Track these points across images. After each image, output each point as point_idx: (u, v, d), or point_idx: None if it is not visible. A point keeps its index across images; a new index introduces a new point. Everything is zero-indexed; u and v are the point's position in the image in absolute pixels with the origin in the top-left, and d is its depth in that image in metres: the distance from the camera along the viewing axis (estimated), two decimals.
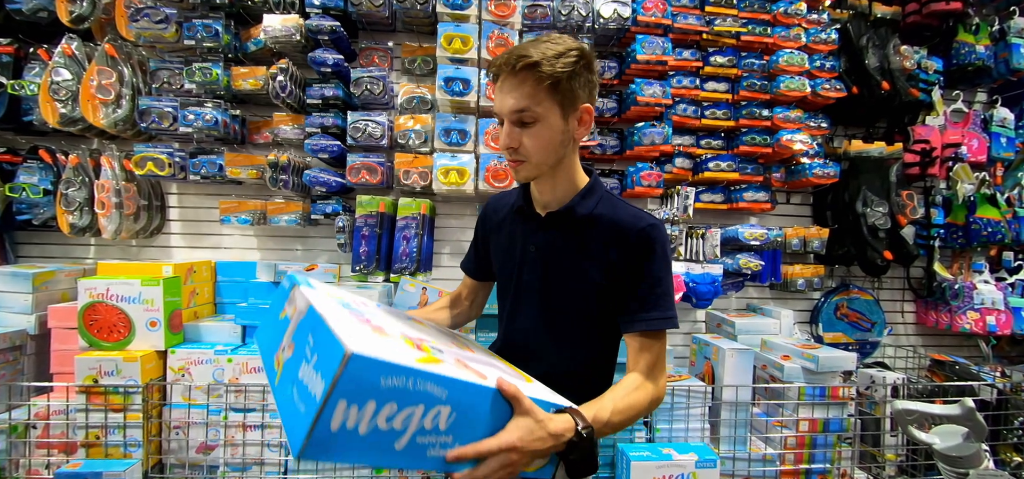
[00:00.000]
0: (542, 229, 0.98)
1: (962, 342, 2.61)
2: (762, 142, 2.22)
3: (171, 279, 1.78)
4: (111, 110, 1.93)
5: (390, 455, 0.60)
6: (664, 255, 0.91)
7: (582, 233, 0.94)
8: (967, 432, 0.90)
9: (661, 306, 0.89)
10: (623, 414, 0.83)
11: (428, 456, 0.63)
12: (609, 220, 0.92)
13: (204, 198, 2.19)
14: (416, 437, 0.61)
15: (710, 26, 2.17)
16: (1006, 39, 2.44)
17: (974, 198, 2.42)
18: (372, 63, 2.17)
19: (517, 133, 0.87)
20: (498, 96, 0.88)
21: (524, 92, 0.84)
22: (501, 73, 0.87)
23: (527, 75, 0.84)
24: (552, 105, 0.86)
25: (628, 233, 0.90)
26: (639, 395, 0.86)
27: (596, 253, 0.92)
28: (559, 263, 0.95)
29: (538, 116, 0.86)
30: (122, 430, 1.66)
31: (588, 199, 0.95)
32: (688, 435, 1.83)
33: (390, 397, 0.58)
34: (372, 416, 0.57)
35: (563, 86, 0.86)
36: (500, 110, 0.88)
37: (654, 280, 0.89)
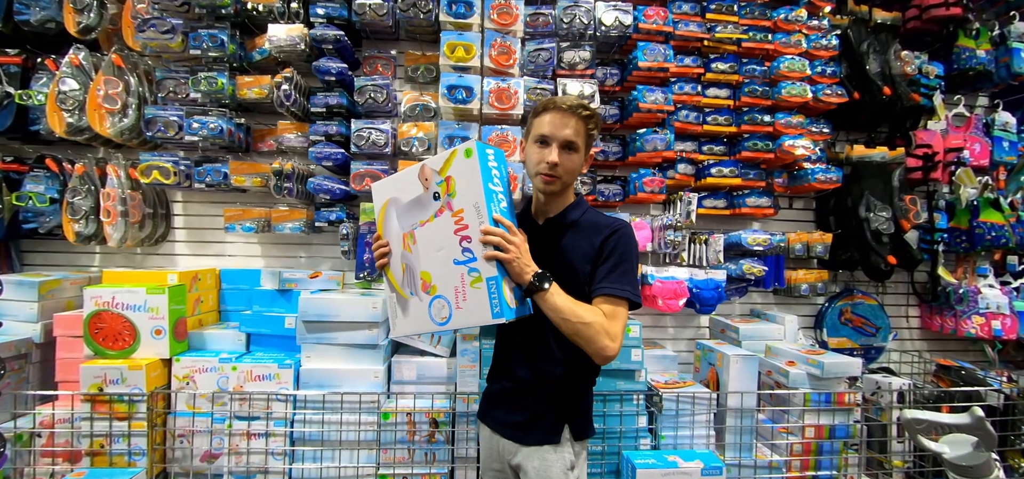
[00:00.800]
0: (540, 232, 1.26)
1: (967, 347, 2.60)
2: (764, 147, 2.22)
3: (176, 287, 1.79)
4: (117, 119, 1.94)
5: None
6: (628, 246, 1.20)
7: (570, 233, 1.24)
8: (977, 441, 0.90)
9: (623, 280, 1.16)
10: (569, 303, 1.11)
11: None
12: (590, 222, 1.24)
13: (209, 206, 2.20)
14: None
15: (711, 33, 2.18)
16: (1007, 43, 2.45)
17: (977, 202, 2.42)
18: (376, 71, 2.19)
19: (562, 155, 1.19)
20: (551, 124, 1.19)
21: (576, 128, 1.20)
22: (558, 110, 1.19)
23: (580, 118, 1.20)
24: (583, 143, 1.22)
25: (604, 229, 1.21)
26: (588, 311, 1.11)
27: (585, 247, 1.21)
28: (554, 256, 1.21)
29: (577, 147, 1.21)
30: (127, 438, 1.67)
31: (576, 210, 1.27)
32: (693, 442, 1.82)
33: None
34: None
35: (593, 133, 1.27)
36: (553, 135, 1.19)
37: (619, 260, 1.17)
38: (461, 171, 1.10)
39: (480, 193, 1.07)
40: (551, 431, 1.21)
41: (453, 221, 1.11)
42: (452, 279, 1.11)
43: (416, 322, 1.20)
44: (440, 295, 1.13)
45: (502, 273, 1.07)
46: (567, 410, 1.24)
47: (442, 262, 1.13)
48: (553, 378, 1.22)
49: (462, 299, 1.10)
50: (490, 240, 1.07)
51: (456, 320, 1.12)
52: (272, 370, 1.75)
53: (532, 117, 1.26)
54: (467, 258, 1.09)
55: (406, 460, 1.74)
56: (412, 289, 1.19)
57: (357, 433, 1.72)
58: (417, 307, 1.18)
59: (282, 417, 1.72)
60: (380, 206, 1.25)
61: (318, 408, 1.73)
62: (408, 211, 1.20)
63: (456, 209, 1.11)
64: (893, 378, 2.09)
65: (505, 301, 1.05)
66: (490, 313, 1.06)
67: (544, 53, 2.04)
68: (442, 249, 1.13)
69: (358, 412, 1.72)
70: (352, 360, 1.78)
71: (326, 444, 1.73)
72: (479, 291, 1.07)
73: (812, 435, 1.85)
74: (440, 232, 1.13)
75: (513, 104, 1.98)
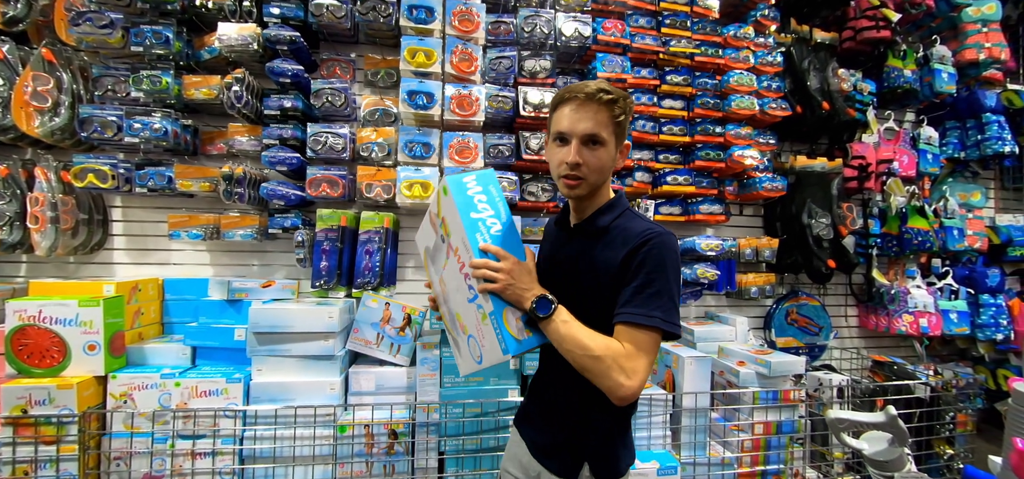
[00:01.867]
0: (569, 240, 1.11)
1: (899, 343, 2.81)
2: (716, 157, 2.33)
3: (113, 299, 1.68)
4: (47, 118, 1.81)
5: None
6: (660, 261, 0.96)
7: (599, 242, 1.04)
8: (892, 438, 0.97)
9: (650, 304, 0.93)
10: (575, 332, 0.94)
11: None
12: (622, 229, 1.03)
13: (151, 212, 2.08)
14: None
15: (666, 46, 2.27)
16: (930, 64, 2.68)
17: (906, 210, 2.62)
18: (334, 74, 2.14)
19: (585, 153, 1.01)
20: (569, 119, 1.01)
21: (599, 120, 0.99)
22: (575, 100, 1.01)
23: (603, 107, 0.99)
24: (611, 136, 1.02)
25: (634, 239, 0.98)
26: (597, 341, 0.93)
27: (612, 259, 1.00)
28: (581, 268, 1.05)
29: (603, 141, 1.01)
30: (54, 464, 1.54)
31: (609, 213, 1.06)
32: (651, 443, 1.87)
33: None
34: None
35: (622, 120, 1.03)
36: (572, 130, 1.01)
37: (648, 279, 0.95)
38: (447, 210, 1.06)
39: (461, 227, 1.01)
40: (567, 467, 1.06)
41: (456, 261, 1.06)
42: (473, 318, 1.05)
43: (467, 362, 1.12)
44: (471, 335, 1.07)
45: (501, 306, 0.99)
46: (588, 447, 1.06)
47: (462, 303, 1.07)
48: (572, 407, 1.06)
49: (483, 336, 1.03)
50: (476, 275, 0.98)
51: (486, 358, 1.04)
52: (220, 385, 1.66)
53: (551, 112, 1.08)
54: (473, 295, 1.02)
55: (364, 473, 1.69)
56: (457, 330, 1.14)
57: (312, 448, 1.66)
58: (464, 347, 1.12)
59: (231, 434, 1.64)
60: (422, 256, 1.26)
61: (270, 423, 1.66)
62: (434, 257, 1.17)
63: (454, 248, 1.06)
64: (834, 375, 2.22)
65: (509, 334, 0.97)
66: (500, 350, 0.97)
67: (505, 61, 2.05)
68: (459, 290, 1.07)
69: (313, 426, 1.67)
70: (307, 372, 1.73)
71: (279, 461, 1.66)
72: (488, 327, 1.00)
73: (761, 431, 1.94)
74: (453, 274, 1.08)
75: (474, 111, 1.99)
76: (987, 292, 2.66)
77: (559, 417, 1.09)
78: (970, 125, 2.78)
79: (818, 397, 2.16)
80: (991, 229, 2.83)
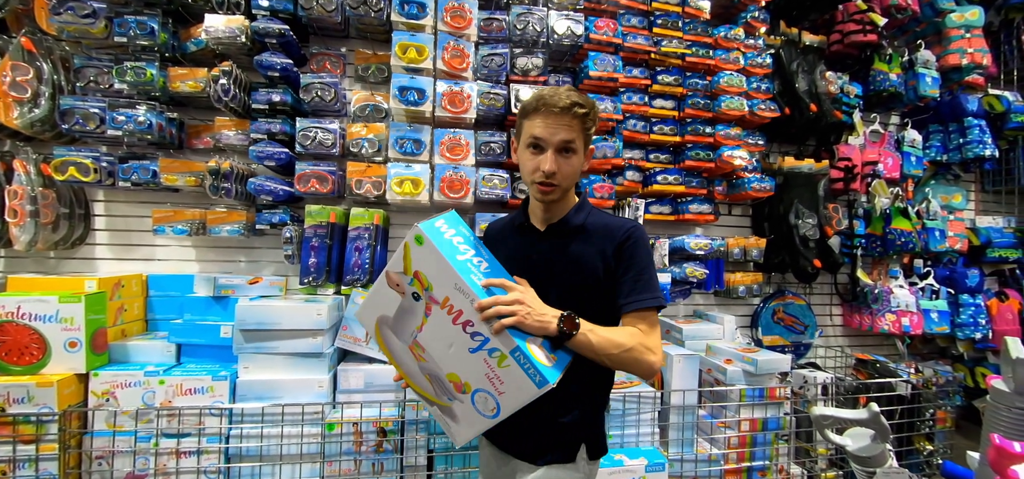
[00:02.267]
0: (542, 240, 1.15)
1: (882, 342, 2.87)
2: (705, 157, 2.35)
3: (95, 295, 1.64)
4: (27, 109, 1.76)
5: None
6: (647, 249, 1.10)
7: (578, 238, 1.12)
8: (874, 434, 1.00)
9: (650, 289, 1.07)
10: (604, 335, 1.00)
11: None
12: (600, 225, 1.12)
13: (135, 206, 2.04)
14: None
15: (658, 46, 2.28)
16: (914, 69, 2.73)
17: (890, 211, 2.67)
18: (324, 69, 2.11)
19: (560, 161, 1.06)
20: (544, 128, 1.06)
21: (573, 127, 1.06)
22: (552, 111, 1.04)
23: (576, 117, 1.05)
24: (582, 143, 1.09)
25: (617, 233, 1.09)
26: (625, 335, 1.02)
27: (593, 253, 1.09)
28: (561, 265, 1.11)
29: (576, 150, 1.08)
30: (33, 464, 1.51)
31: (580, 212, 1.15)
32: (639, 440, 1.89)
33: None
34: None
35: (591, 130, 1.11)
36: (547, 139, 1.06)
37: (641, 267, 1.08)
38: (423, 261, 0.99)
39: (453, 273, 0.96)
40: (567, 451, 1.12)
41: (445, 313, 0.99)
42: (479, 368, 0.99)
43: (471, 425, 1.07)
44: (478, 389, 1.01)
45: (522, 338, 0.96)
46: (584, 429, 1.13)
47: (459, 358, 1.01)
48: (569, 396, 1.09)
49: (499, 383, 0.98)
50: (489, 314, 0.95)
51: (506, 405, 1.00)
52: (205, 383, 1.64)
53: (521, 117, 1.12)
54: (479, 342, 0.97)
55: (352, 472, 1.68)
56: (448, 395, 1.06)
57: (299, 446, 1.65)
58: (464, 410, 1.05)
59: (216, 432, 1.62)
60: (374, 331, 1.13)
61: (257, 421, 1.65)
62: (399, 324, 1.07)
63: (441, 300, 0.99)
64: (818, 372, 2.26)
65: (541, 365, 0.94)
66: (533, 385, 0.95)
67: (497, 58, 2.05)
68: (453, 345, 1.01)
69: (301, 424, 1.65)
70: (294, 370, 1.71)
71: (265, 459, 1.64)
72: (510, 368, 0.96)
73: (747, 428, 1.97)
74: (440, 330, 1.01)
75: (466, 108, 1.98)
76: (967, 292, 2.73)
77: (551, 410, 1.09)
78: (952, 129, 2.84)
79: (803, 394, 2.19)
80: (971, 231, 2.89)
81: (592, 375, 1.10)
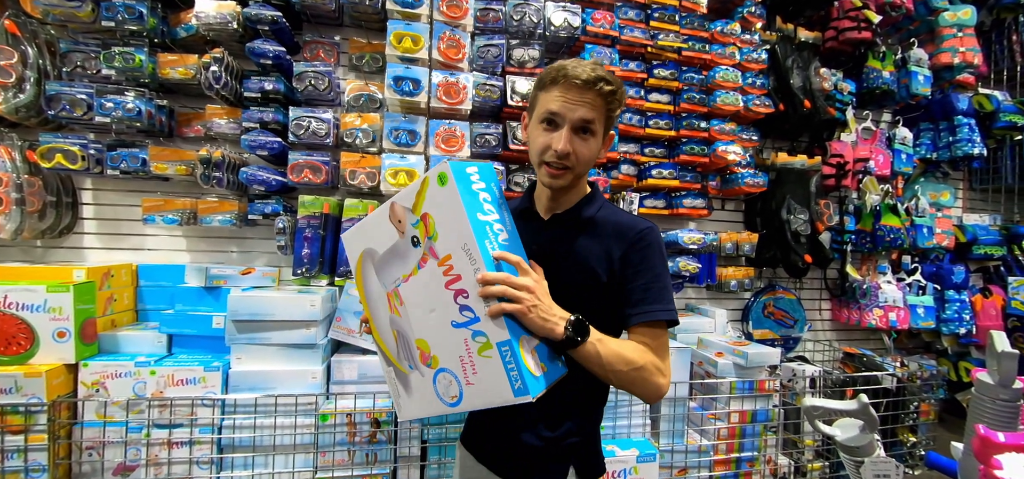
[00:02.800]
0: (545, 229, 1.02)
1: (869, 336, 2.92)
2: (700, 152, 2.36)
3: (83, 284, 1.62)
4: (11, 94, 1.72)
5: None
6: (662, 254, 0.96)
7: (585, 233, 0.98)
8: (863, 424, 1.02)
9: (664, 300, 0.93)
10: (613, 348, 0.87)
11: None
12: (611, 222, 0.98)
13: (124, 195, 2.01)
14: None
15: (654, 40, 2.28)
16: (907, 67, 2.76)
17: (880, 208, 2.71)
18: (317, 57, 2.09)
19: (576, 142, 0.92)
20: (562, 101, 0.91)
21: (595, 105, 0.92)
22: (572, 83, 0.90)
23: (601, 94, 0.91)
24: (603, 125, 0.95)
25: (629, 233, 0.95)
26: (635, 351, 0.89)
27: (599, 252, 0.96)
28: (563, 261, 0.97)
29: (595, 132, 0.94)
30: (22, 454, 1.49)
31: (591, 204, 1.01)
32: (630, 431, 1.91)
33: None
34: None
35: (615, 114, 0.97)
36: (564, 114, 0.91)
37: (655, 275, 0.93)
38: (438, 204, 0.83)
39: (467, 230, 0.81)
40: (552, 473, 0.99)
41: (441, 272, 0.84)
42: (455, 347, 0.85)
43: (424, 403, 0.93)
44: (444, 368, 0.87)
45: (517, 332, 0.81)
46: (575, 448, 1.00)
47: (438, 326, 0.87)
48: (561, 409, 0.97)
49: (471, 372, 0.84)
50: (491, 292, 0.80)
51: (469, 399, 0.86)
52: (197, 373, 1.63)
53: (538, 89, 0.97)
54: (467, 319, 0.83)
55: (346, 462, 1.69)
56: (410, 361, 0.92)
57: (293, 437, 1.65)
58: (421, 384, 0.92)
59: (209, 423, 1.62)
60: (355, 262, 0.97)
61: (249, 412, 1.64)
62: (387, 264, 0.92)
63: (441, 256, 0.84)
64: (807, 366, 2.30)
65: (527, 371, 0.79)
66: (510, 390, 0.80)
67: (494, 49, 2.03)
68: (435, 309, 0.86)
69: (294, 415, 1.65)
70: (288, 361, 1.70)
71: (258, 450, 1.64)
72: (490, 361, 0.81)
73: (737, 420, 2.00)
74: (428, 288, 0.87)
75: (462, 99, 1.96)
76: (952, 288, 2.78)
77: (534, 423, 0.97)
78: (943, 127, 2.88)
79: (792, 387, 2.23)
80: (958, 228, 2.94)
81: (589, 386, 0.97)
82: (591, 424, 1.03)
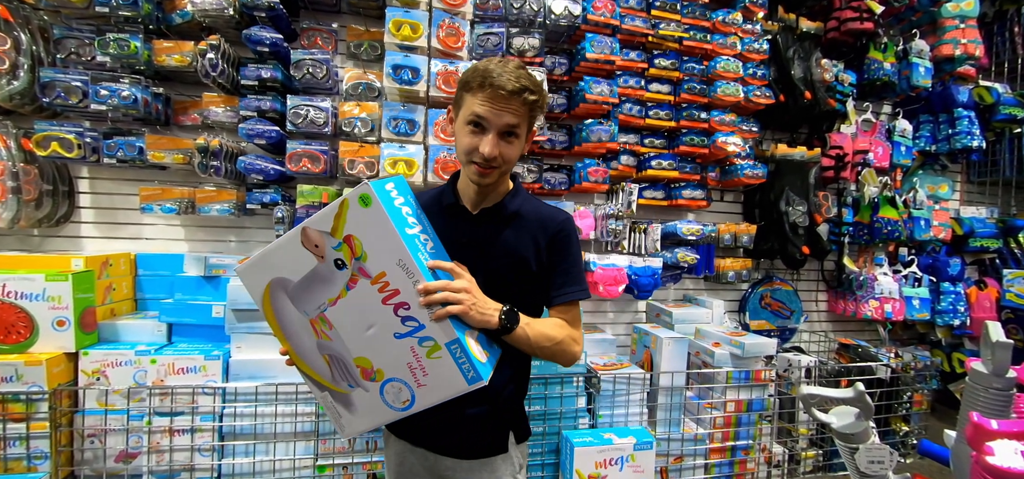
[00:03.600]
0: (474, 224, 1.09)
1: (864, 327, 2.94)
2: (700, 143, 2.35)
3: (82, 273, 1.62)
4: (5, 82, 1.70)
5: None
6: (577, 242, 1.13)
7: (511, 225, 1.08)
8: (858, 412, 1.04)
9: (579, 281, 1.10)
10: (539, 329, 1.00)
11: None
12: (534, 215, 1.09)
13: (121, 184, 2.00)
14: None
15: (655, 29, 2.26)
16: (908, 58, 2.74)
17: (878, 200, 2.71)
18: (315, 45, 2.06)
19: (502, 145, 1.00)
20: (489, 108, 0.97)
21: (520, 112, 0.99)
22: (499, 92, 0.96)
23: (525, 104, 0.98)
24: (526, 128, 1.04)
25: (550, 224, 1.09)
26: (555, 328, 1.04)
27: (527, 242, 1.07)
28: (492, 252, 1.06)
29: (519, 134, 1.02)
30: (24, 441, 1.50)
31: (515, 198, 1.11)
32: (628, 419, 1.94)
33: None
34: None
35: (536, 115, 1.05)
36: (491, 121, 0.98)
37: (573, 261, 1.10)
38: (363, 226, 0.85)
39: (400, 246, 0.84)
40: (498, 441, 1.09)
41: (375, 290, 0.87)
42: (401, 356, 0.89)
43: (371, 415, 0.95)
44: (393, 378, 0.91)
45: (461, 329, 0.89)
46: (511, 415, 1.12)
47: (379, 341, 0.89)
48: (498, 385, 1.06)
49: (422, 375, 0.90)
50: (434, 299, 0.86)
51: (422, 399, 0.91)
52: (198, 362, 1.64)
53: (463, 89, 1.02)
54: (412, 328, 0.88)
55: (346, 450, 1.71)
56: (349, 381, 0.94)
57: (293, 425, 1.66)
58: (365, 399, 0.94)
59: (210, 411, 1.63)
60: (261, 294, 0.93)
61: (250, 400, 1.65)
62: (305, 291, 0.91)
63: (374, 274, 0.86)
64: (802, 356, 2.32)
65: (476, 361, 0.88)
66: (464, 381, 0.88)
67: (493, 37, 2.01)
68: (374, 326, 0.89)
69: (294, 403, 1.66)
70: None
71: (259, 437, 1.65)
72: (441, 361, 0.88)
73: (733, 409, 2.03)
74: (362, 307, 0.88)
75: None
76: (948, 280, 2.80)
77: (477, 401, 1.01)
78: (942, 119, 2.87)
79: (787, 377, 2.26)
80: (955, 221, 2.95)
81: (518, 363, 1.11)
82: (520, 396, 1.15)
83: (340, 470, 1.69)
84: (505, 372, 1.06)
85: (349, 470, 1.70)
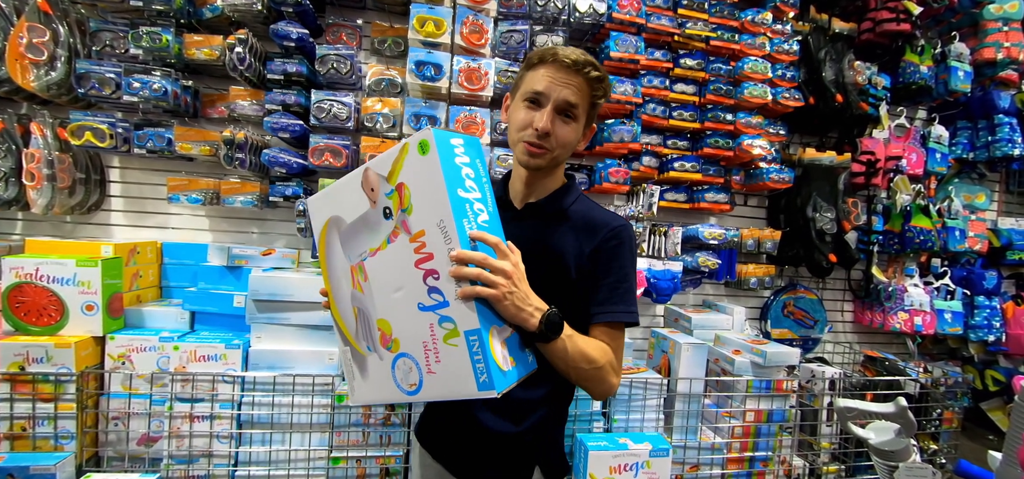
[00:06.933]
0: (518, 219, 0.99)
1: (892, 340, 2.84)
2: (725, 145, 2.30)
3: (111, 260, 1.66)
4: (43, 72, 1.75)
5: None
6: (633, 254, 0.96)
7: (557, 225, 0.97)
8: (899, 428, 0.99)
9: (627, 301, 0.93)
10: (580, 346, 0.85)
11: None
12: (583, 216, 0.97)
13: (150, 174, 2.05)
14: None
15: (682, 28, 2.21)
16: (946, 61, 2.63)
17: (910, 208, 2.61)
18: (339, 40, 2.08)
19: (557, 123, 0.92)
20: (548, 80, 0.90)
21: (581, 90, 0.92)
22: (560, 64, 0.90)
23: (587, 79, 0.92)
24: (585, 112, 0.95)
25: (601, 229, 0.94)
26: (598, 350, 0.88)
27: (570, 245, 0.94)
28: (533, 250, 0.93)
29: (576, 117, 0.93)
30: (53, 421, 1.55)
31: (567, 196, 1.00)
32: (644, 425, 1.90)
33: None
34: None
35: (599, 102, 0.97)
36: (548, 94, 0.91)
37: (623, 275, 0.93)
38: (416, 175, 0.76)
39: (445, 205, 0.74)
40: (519, 472, 0.96)
41: (412, 248, 0.78)
42: (419, 332, 0.79)
43: (379, 388, 0.87)
44: (405, 353, 0.81)
45: (488, 321, 0.75)
46: (540, 446, 0.97)
47: (403, 307, 0.80)
48: (527, 404, 0.94)
49: (434, 360, 0.78)
50: (465, 273, 0.73)
51: (428, 389, 0.80)
52: (218, 350, 1.67)
53: (525, 68, 0.95)
54: (436, 302, 0.77)
55: (360, 443, 1.71)
56: (369, 342, 0.86)
57: (309, 416, 1.68)
58: (378, 368, 0.86)
59: (229, 399, 1.65)
60: (320, 229, 0.89)
61: (268, 390, 1.67)
62: (354, 235, 0.85)
63: (414, 231, 0.77)
64: (826, 367, 2.25)
65: (494, 364, 0.73)
66: (474, 384, 0.74)
67: (517, 35, 2.00)
68: (401, 289, 0.80)
69: (311, 395, 1.68)
70: (305, 341, 1.73)
71: (276, 427, 1.67)
72: (456, 350, 0.75)
73: (752, 419, 1.97)
74: (396, 264, 0.80)
75: (483, 85, 1.94)
76: (983, 294, 2.68)
77: (495, 422, 0.93)
78: (982, 126, 2.75)
79: (810, 389, 2.19)
80: (992, 232, 2.83)
81: (556, 384, 0.94)
82: (557, 423, 1.01)
83: (354, 462, 1.70)
84: (537, 390, 0.92)
85: (362, 463, 1.71)
